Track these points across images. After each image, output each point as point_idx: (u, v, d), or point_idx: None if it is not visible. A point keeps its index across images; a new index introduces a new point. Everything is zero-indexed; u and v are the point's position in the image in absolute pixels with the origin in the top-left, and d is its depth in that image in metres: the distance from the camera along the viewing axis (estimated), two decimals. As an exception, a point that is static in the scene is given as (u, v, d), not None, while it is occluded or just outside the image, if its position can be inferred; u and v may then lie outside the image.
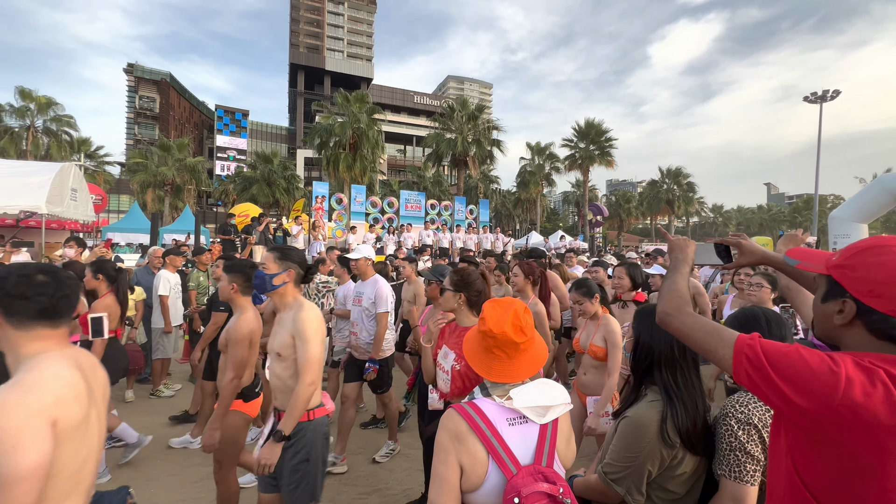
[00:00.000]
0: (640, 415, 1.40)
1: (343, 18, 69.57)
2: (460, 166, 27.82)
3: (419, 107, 61.19)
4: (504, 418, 1.22)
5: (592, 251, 17.45)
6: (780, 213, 68.95)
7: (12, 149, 25.42)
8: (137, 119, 55.28)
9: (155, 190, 32.30)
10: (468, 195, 27.87)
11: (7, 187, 8.79)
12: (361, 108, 24.64)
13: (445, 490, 1.16)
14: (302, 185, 38.16)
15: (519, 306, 1.36)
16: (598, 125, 30.71)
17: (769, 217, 68.02)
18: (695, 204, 45.57)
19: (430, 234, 14.41)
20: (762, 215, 69.18)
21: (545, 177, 35.04)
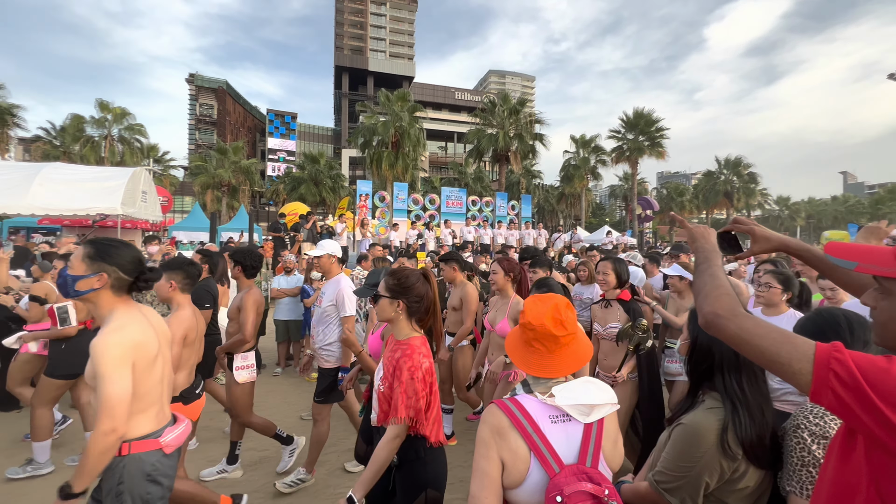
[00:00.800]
0: (698, 422, 1.29)
1: (385, 19, 70.70)
2: (502, 162, 27.49)
3: (460, 103, 61.12)
4: (546, 415, 1.20)
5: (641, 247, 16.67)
6: (858, 205, 62.28)
7: (92, 156, 28.11)
8: (198, 125, 59.27)
9: (213, 191, 34.54)
10: (510, 191, 27.54)
11: (89, 191, 9.73)
12: (403, 106, 24.96)
13: (486, 484, 1.15)
14: (347, 183, 39.33)
15: (560, 301, 1.33)
16: (647, 115, 29.21)
17: (846, 209, 61.62)
18: (757, 196, 42.24)
19: (471, 230, 14.37)
20: (837, 207, 62.86)
21: (590, 170, 33.84)
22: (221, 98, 58.19)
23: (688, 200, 45.13)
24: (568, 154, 35.08)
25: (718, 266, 1.12)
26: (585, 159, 33.58)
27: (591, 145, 33.37)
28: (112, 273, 1.64)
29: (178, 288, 2.58)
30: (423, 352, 1.87)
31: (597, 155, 33.30)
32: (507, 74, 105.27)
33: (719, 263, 1.14)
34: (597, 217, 50.13)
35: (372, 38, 69.33)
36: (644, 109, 29.40)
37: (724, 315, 0.96)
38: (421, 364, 1.80)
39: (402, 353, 1.84)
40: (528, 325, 1.29)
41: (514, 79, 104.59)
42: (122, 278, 1.67)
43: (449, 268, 4.26)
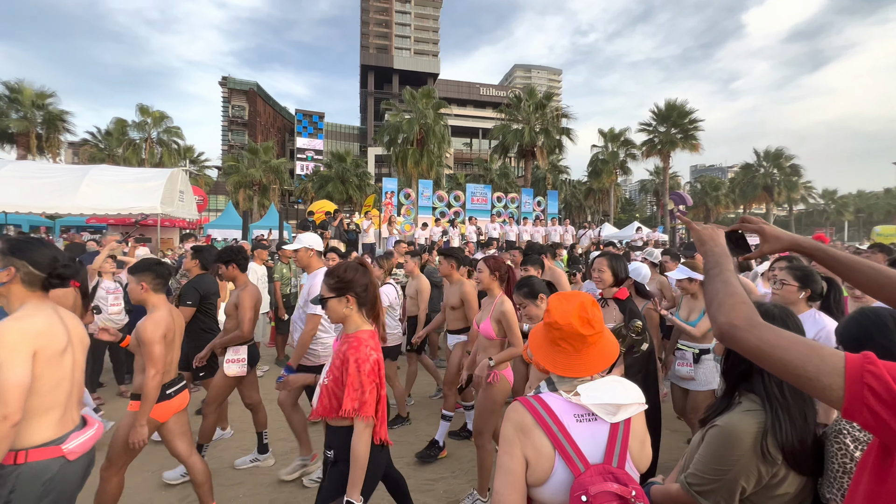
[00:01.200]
0: (734, 424, 1.24)
1: (410, 17, 70.96)
2: (527, 157, 27.14)
3: (485, 99, 60.71)
4: (572, 414, 1.19)
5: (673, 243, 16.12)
6: (914, 198, 58.15)
7: (134, 158, 29.57)
8: (230, 126, 61.35)
9: (245, 190, 35.70)
10: (536, 187, 27.13)
11: (131, 191, 10.24)
12: (428, 103, 25.01)
13: (510, 482, 1.15)
14: (373, 181, 39.81)
15: (586, 298, 1.31)
16: (680, 106, 28.13)
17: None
18: (799, 189, 40.03)
19: (496, 227, 14.27)
20: (890, 200, 58.72)
21: (620, 165, 32.93)
22: (252, 99, 59.97)
23: (723, 195, 43.28)
24: (596, 148, 34.28)
25: (731, 271, 1.05)
26: (614, 153, 32.70)
27: (621, 139, 32.47)
28: (21, 268, 1.65)
29: (150, 289, 2.58)
30: (372, 345, 1.84)
31: (626, 149, 32.38)
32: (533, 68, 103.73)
33: (731, 268, 1.07)
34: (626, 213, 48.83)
35: (397, 37, 69.77)
36: (676, 101, 28.34)
37: (741, 326, 0.89)
38: (368, 356, 1.78)
39: (348, 345, 1.82)
40: (554, 324, 1.27)
41: (541, 73, 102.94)
42: (33, 273, 1.67)
43: (447, 263, 4.12)
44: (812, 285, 2.57)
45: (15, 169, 10.17)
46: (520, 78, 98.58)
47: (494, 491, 1.17)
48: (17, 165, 10.82)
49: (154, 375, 2.43)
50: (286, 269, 6.37)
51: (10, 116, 24.18)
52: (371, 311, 1.97)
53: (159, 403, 2.52)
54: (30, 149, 24.72)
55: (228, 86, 61.52)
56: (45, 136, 25.57)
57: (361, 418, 1.73)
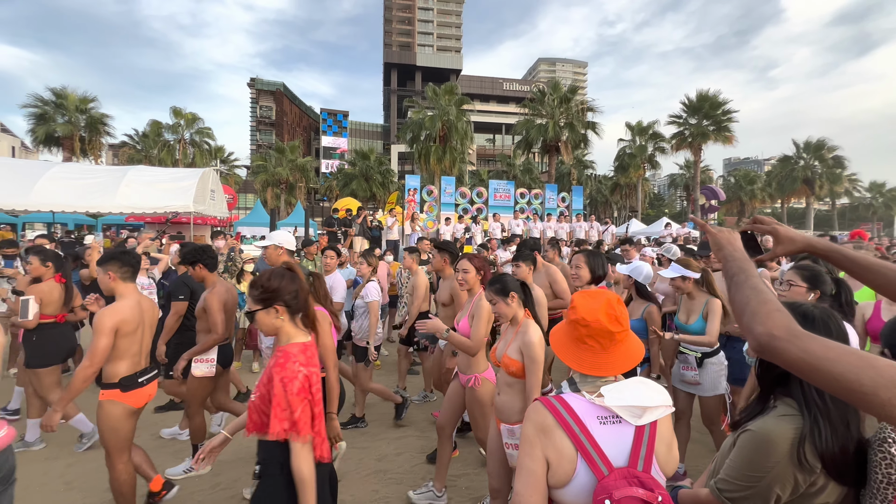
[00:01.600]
0: (768, 430, 1.18)
1: (432, 13, 70.87)
2: (551, 152, 26.71)
3: (508, 94, 60.09)
4: (594, 416, 1.17)
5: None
6: (973, 190, 53.97)
7: (168, 159, 30.81)
8: (258, 126, 63.00)
9: (273, 188, 36.67)
10: (560, 182, 26.72)
11: (166, 191, 10.68)
12: (450, 100, 24.97)
13: (531, 483, 1.14)
14: (396, 178, 40.12)
15: (612, 296, 1.29)
16: (712, 97, 27.02)
17: (955, 195, 53.61)
18: (843, 182, 37.81)
19: (519, 223, 14.14)
20: (945, 193, 54.73)
21: (647, 159, 31.99)
22: (279, 100, 61.36)
23: (759, 189, 41.40)
24: (623, 142, 33.40)
25: (757, 276, 0.99)
26: (642, 147, 31.78)
27: (649, 132, 31.52)
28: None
29: (118, 278, 2.60)
30: (302, 360, 1.69)
31: (655, 142, 31.41)
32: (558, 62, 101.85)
33: (756, 273, 1.00)
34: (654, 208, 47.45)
35: (420, 33, 69.83)
36: (709, 91, 27.21)
37: (781, 336, 0.82)
38: (295, 374, 1.64)
39: (275, 361, 1.70)
40: (581, 321, 1.25)
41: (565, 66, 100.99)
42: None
43: (440, 258, 3.99)
44: (821, 286, 2.44)
45: (61, 171, 10.77)
46: (544, 72, 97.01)
47: (515, 492, 1.16)
48: (63, 167, 11.46)
49: (87, 367, 2.39)
50: (311, 265, 6.50)
51: (56, 121, 25.61)
52: (306, 319, 1.85)
53: (133, 391, 2.56)
54: (74, 151, 26.13)
55: (256, 87, 63.14)
56: (88, 138, 26.95)
57: (297, 438, 1.61)
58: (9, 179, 9.88)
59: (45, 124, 25.35)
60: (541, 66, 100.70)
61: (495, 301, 2.40)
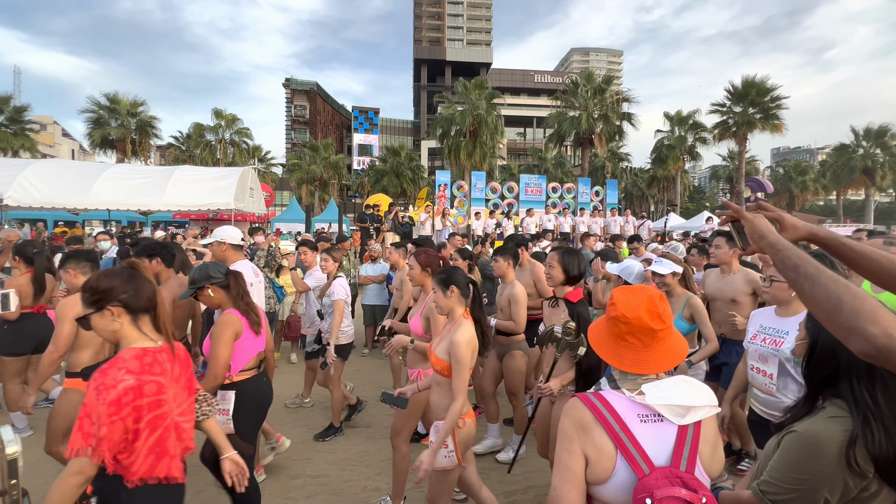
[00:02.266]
0: (817, 431, 1.15)
1: (462, 7, 70.39)
2: (585, 145, 26.04)
3: (539, 86, 59.02)
4: (635, 414, 1.15)
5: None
6: None
7: (210, 158, 32.28)
8: (293, 125, 64.85)
9: (307, 185, 37.72)
10: (594, 176, 25.98)
11: (208, 189, 11.21)
12: (480, 94, 24.79)
13: (569, 478, 1.13)
14: (426, 174, 40.33)
15: (654, 292, 1.25)
16: (759, 83, 25.43)
17: None
18: (909, 171, 34.76)
19: (550, 218, 13.90)
20: None
21: (687, 150, 30.57)
22: (313, 99, 62.86)
23: (811, 180, 38.70)
24: (661, 133, 32.05)
25: (823, 266, 0.91)
26: (681, 138, 30.39)
27: (689, 122, 30.08)
28: None
29: (78, 273, 2.80)
30: (134, 366, 1.47)
31: (695, 132, 29.95)
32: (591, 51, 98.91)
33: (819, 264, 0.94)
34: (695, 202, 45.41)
35: (449, 28, 69.57)
36: (756, 77, 25.64)
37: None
38: (116, 382, 1.41)
39: (100, 368, 1.49)
40: (621, 317, 1.22)
41: (599, 55, 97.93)
42: None
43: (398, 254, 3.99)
44: None
45: (115, 172, 11.51)
46: (577, 62, 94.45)
47: (553, 486, 1.16)
48: (117, 168, 12.24)
49: (51, 352, 2.55)
50: (346, 260, 6.67)
51: (110, 125, 27.37)
52: (157, 320, 1.62)
53: None
54: (126, 153, 27.85)
55: (291, 87, 64.94)
56: (138, 140, 28.64)
57: (89, 456, 1.37)
58: (71, 180, 10.67)
59: (100, 128, 27.16)
60: (573, 57, 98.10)
61: (435, 290, 2.34)
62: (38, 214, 16.26)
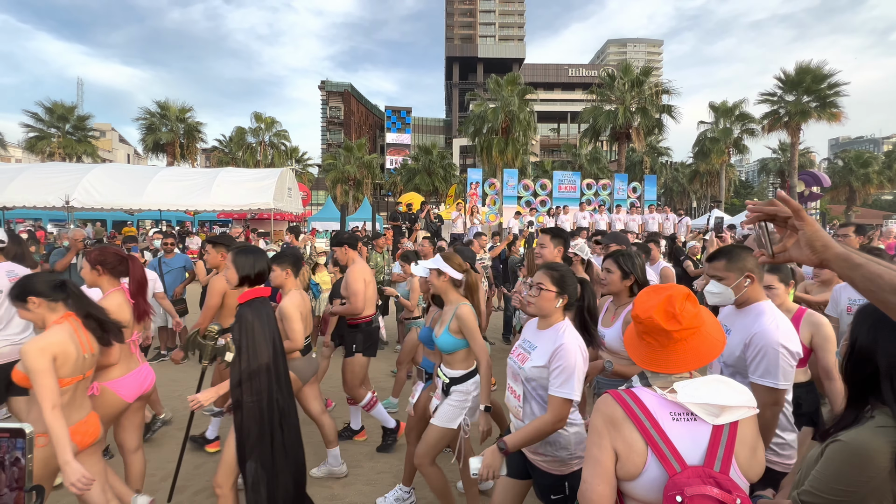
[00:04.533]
0: (863, 442, 1.10)
1: (494, 2, 69.78)
2: (621, 140, 25.19)
3: (574, 80, 57.69)
4: (667, 411, 1.15)
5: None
6: None
7: (251, 160, 33.71)
8: (329, 126, 66.59)
9: (342, 185, 38.63)
10: (631, 171, 25.16)
11: (250, 189, 11.72)
12: (513, 90, 24.49)
13: (599, 472, 1.15)
14: (458, 172, 40.36)
15: (676, 292, 1.23)
16: (815, 69, 23.68)
17: None
18: None
19: (585, 215, 13.57)
20: None
21: (733, 142, 28.95)
22: (347, 100, 64.27)
23: (875, 172, 35.57)
24: (704, 125, 30.53)
25: None
26: (727, 130, 28.81)
27: (735, 113, 28.47)
28: None
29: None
30: None
31: (742, 124, 28.31)
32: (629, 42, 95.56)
33: None
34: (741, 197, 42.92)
35: (481, 24, 69.17)
36: (811, 63, 23.91)
37: None
38: None
39: None
40: (636, 317, 1.25)
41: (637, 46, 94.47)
42: None
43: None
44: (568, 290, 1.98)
45: (166, 174, 12.27)
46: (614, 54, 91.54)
47: (583, 480, 1.17)
48: (167, 171, 13.03)
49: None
50: (380, 258, 6.80)
51: (161, 130, 29.14)
52: None
53: None
54: (175, 156, 29.57)
55: (326, 89, 66.65)
56: (186, 144, 30.33)
57: None
58: (127, 183, 11.46)
59: (152, 133, 28.97)
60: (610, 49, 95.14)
61: None
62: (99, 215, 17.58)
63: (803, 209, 1.00)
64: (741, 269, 1.93)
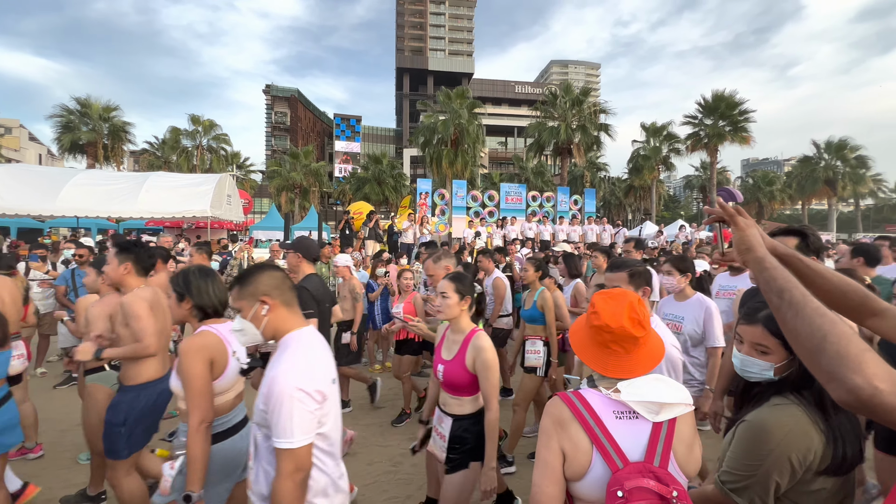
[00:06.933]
0: (763, 419, 1.24)
1: (444, 17, 71.30)
2: (564, 155, 26.57)
3: (520, 97, 60.14)
4: (611, 410, 1.17)
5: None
6: None
7: (186, 165, 31.57)
8: (273, 132, 64.11)
9: (287, 193, 37.21)
10: (573, 185, 26.53)
11: (184, 196, 10.96)
12: (462, 103, 25.06)
13: (547, 474, 1.16)
14: (408, 182, 40.33)
15: (633, 297, 1.27)
16: (728, 97, 26.56)
17: None
18: (867, 183, 36.64)
19: (531, 226, 14.09)
20: (976, 193, 52.67)
21: (662, 160, 31.55)
22: (294, 106, 62.34)
23: (778, 190, 40.36)
24: (637, 144, 33.01)
25: (809, 294, 0.84)
26: (657, 149, 31.36)
27: (664, 133, 31.08)
28: None
29: None
30: None
31: (670, 143, 30.95)
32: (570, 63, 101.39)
33: (805, 289, 0.86)
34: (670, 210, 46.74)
35: (431, 38, 70.31)
36: (725, 91, 26.76)
37: (888, 389, 0.67)
38: None
39: None
40: (604, 327, 1.22)
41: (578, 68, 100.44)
42: None
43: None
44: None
45: (86, 178, 11.15)
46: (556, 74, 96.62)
47: (533, 483, 1.18)
48: (86, 174, 11.85)
49: None
50: (325, 268, 6.60)
51: (81, 129, 26.48)
52: None
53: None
54: (97, 158, 26.96)
55: (271, 93, 64.32)
56: (111, 146, 27.79)
57: None
58: (36, 186, 10.27)
59: (70, 132, 26.22)
60: (553, 69, 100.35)
61: None
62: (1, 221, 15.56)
63: (736, 216, 1.06)
64: None
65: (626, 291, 1.30)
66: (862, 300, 1.03)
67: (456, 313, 2.20)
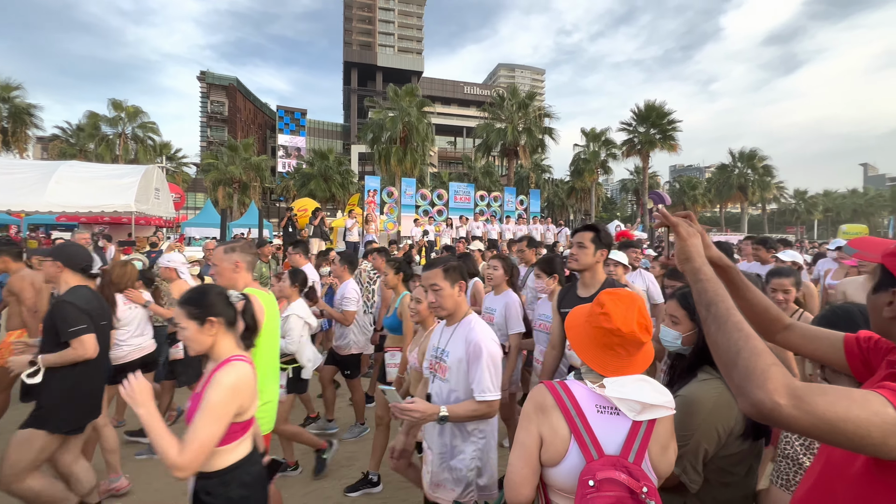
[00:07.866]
0: (692, 392, 1.40)
1: (394, 13, 70.48)
2: (510, 156, 27.38)
3: (469, 97, 60.95)
4: (593, 403, 1.20)
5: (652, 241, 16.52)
6: (879, 198, 60.72)
7: (107, 154, 28.64)
8: (209, 122, 59.93)
9: (225, 187, 34.99)
10: (519, 185, 27.40)
11: (104, 188, 9.93)
12: (411, 101, 24.97)
13: (523, 455, 1.20)
14: (356, 179, 39.48)
15: (641, 302, 1.29)
16: (658, 107, 28.76)
17: (865, 202, 60.05)
18: (772, 189, 41.35)
19: (479, 225, 14.36)
20: (856, 200, 61.14)
21: (601, 164, 33.49)
22: (232, 95, 58.72)
23: (700, 194, 44.42)
24: (578, 148, 34.75)
25: (734, 307, 0.89)
26: (596, 153, 33.22)
27: (602, 139, 33.01)
28: None
29: None
30: None
31: (607, 148, 32.93)
32: (517, 68, 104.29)
33: (732, 301, 0.91)
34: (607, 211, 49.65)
35: (381, 34, 69.21)
36: (656, 102, 28.94)
37: (786, 403, 0.72)
38: None
39: None
40: (616, 331, 1.22)
41: (524, 72, 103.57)
42: None
43: None
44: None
45: (-22, 165, 9.74)
46: (504, 77, 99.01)
47: (510, 462, 1.22)
48: (-20, 161, 10.36)
49: None
50: (265, 268, 6.31)
51: (-27, 110, 23.18)
52: None
53: None
54: (-5, 144, 23.74)
55: (207, 81, 60.09)
56: (11, 130, 24.56)
57: None
58: (-86, 173, 8.83)
59: (-41, 113, 22.88)
60: (501, 72, 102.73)
61: None
62: None
63: (678, 224, 1.09)
64: None
65: (634, 294, 1.31)
66: (778, 315, 1.18)
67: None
